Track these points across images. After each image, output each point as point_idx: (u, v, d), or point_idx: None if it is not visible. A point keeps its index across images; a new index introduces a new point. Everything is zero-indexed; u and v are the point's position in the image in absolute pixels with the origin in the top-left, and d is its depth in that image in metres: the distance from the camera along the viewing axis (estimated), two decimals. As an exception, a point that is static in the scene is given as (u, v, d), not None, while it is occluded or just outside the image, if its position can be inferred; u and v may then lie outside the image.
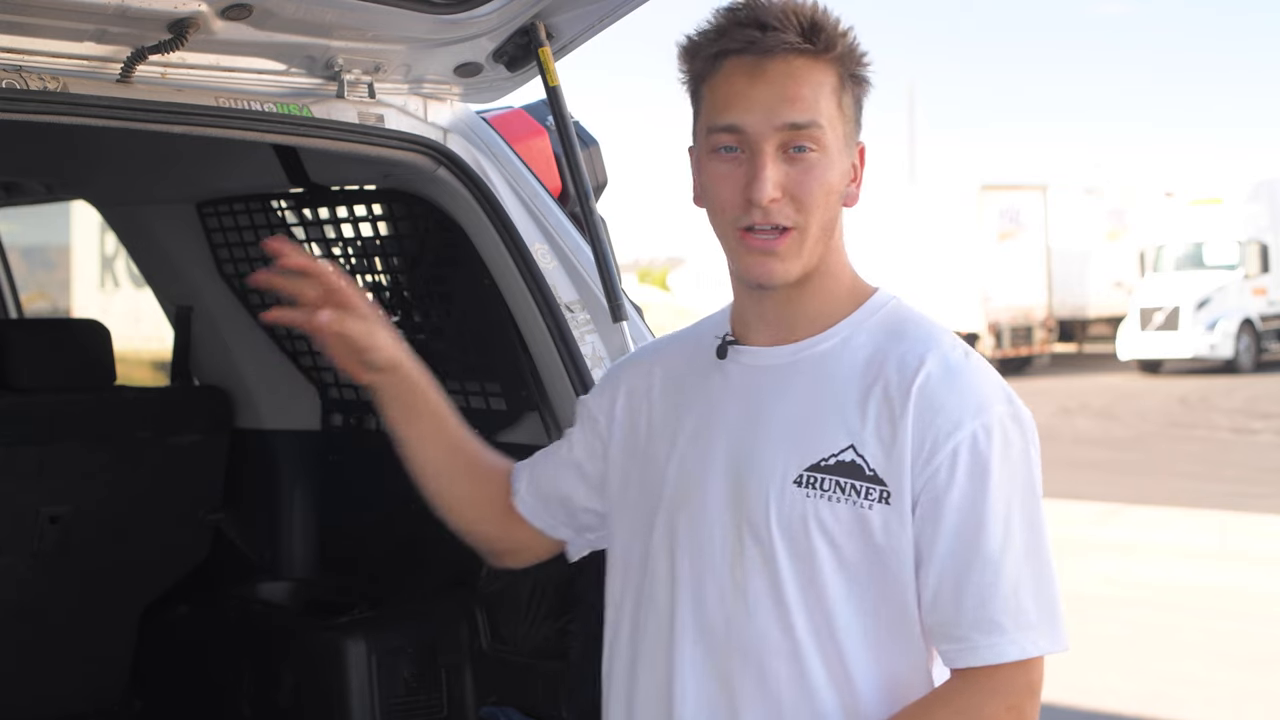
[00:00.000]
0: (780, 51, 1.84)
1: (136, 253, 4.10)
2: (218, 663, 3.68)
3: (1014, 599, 1.80)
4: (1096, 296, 28.84)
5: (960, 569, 1.81)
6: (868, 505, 1.83)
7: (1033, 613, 1.81)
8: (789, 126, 1.84)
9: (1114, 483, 13.26)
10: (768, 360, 1.95)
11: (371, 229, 3.52)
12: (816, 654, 1.86)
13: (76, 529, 3.57)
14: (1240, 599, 8.75)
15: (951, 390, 1.84)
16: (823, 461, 1.86)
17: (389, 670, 3.30)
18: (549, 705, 3.12)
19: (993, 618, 1.80)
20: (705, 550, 1.93)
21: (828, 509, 1.85)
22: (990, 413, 1.84)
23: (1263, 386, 22.31)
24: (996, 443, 1.83)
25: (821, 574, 1.85)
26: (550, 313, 2.93)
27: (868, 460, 1.84)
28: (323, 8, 2.55)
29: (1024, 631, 1.81)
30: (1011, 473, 1.83)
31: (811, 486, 1.85)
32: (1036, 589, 1.82)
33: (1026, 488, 1.85)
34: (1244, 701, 6.79)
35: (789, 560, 1.86)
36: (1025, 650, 1.81)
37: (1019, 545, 1.82)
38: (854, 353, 1.91)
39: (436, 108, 2.97)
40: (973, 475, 1.81)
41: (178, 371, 3.98)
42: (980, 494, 1.81)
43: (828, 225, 1.90)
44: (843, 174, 1.91)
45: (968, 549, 1.81)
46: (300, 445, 3.88)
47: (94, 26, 2.42)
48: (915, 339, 1.90)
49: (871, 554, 1.84)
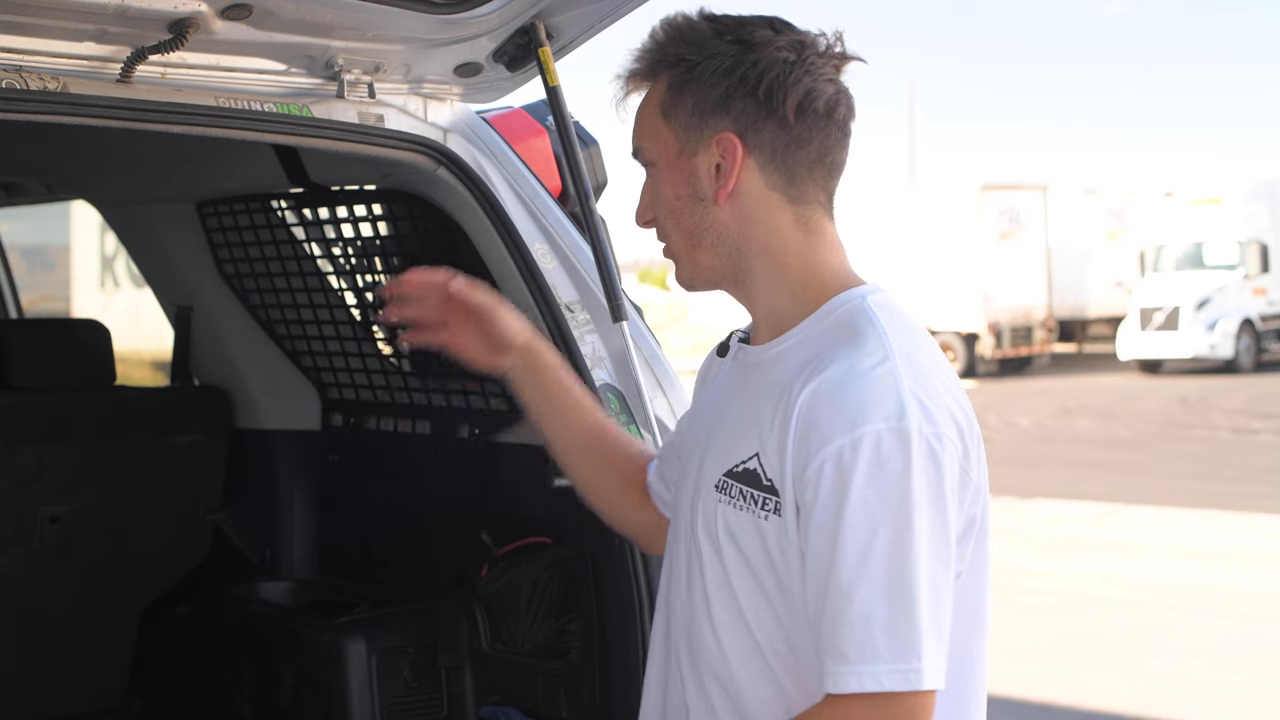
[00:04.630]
0: (631, 78, 1.93)
1: (136, 253, 4.11)
2: (218, 663, 3.68)
3: (862, 629, 1.68)
4: (1096, 296, 28.82)
5: (818, 591, 1.72)
6: (763, 516, 1.79)
7: (881, 646, 1.67)
8: (634, 154, 1.95)
9: (1114, 483, 13.24)
10: (742, 360, 1.96)
11: (371, 229, 3.52)
12: (752, 660, 1.84)
13: (76, 529, 3.57)
14: (1240, 599, 8.75)
15: (832, 403, 1.73)
16: (734, 468, 1.83)
17: (389, 670, 3.30)
18: (549, 705, 3.12)
19: (839, 646, 1.69)
20: (672, 553, 1.97)
21: (734, 516, 1.82)
22: (864, 429, 1.70)
23: (1263, 386, 22.30)
24: (863, 461, 1.69)
25: (732, 581, 1.83)
26: (550, 313, 2.93)
27: (765, 469, 1.79)
28: (323, 8, 2.55)
29: (868, 664, 1.68)
30: (880, 494, 1.69)
31: (723, 492, 1.84)
32: (892, 621, 1.68)
33: (899, 511, 1.69)
34: (1244, 701, 6.79)
35: (712, 565, 1.86)
36: (864, 684, 1.67)
37: (878, 573, 1.68)
38: (792, 358, 1.85)
39: (436, 108, 2.97)
40: (832, 494, 1.70)
41: (178, 371, 3.98)
42: (837, 516, 1.70)
43: (694, 231, 1.89)
44: (680, 181, 1.89)
45: (822, 572, 1.71)
46: (300, 445, 3.88)
47: (94, 26, 2.43)
48: (837, 345, 1.80)
49: (769, 564, 1.80)
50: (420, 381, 3.58)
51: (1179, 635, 7.93)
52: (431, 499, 3.57)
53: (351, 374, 3.75)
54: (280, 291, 3.77)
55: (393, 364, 3.68)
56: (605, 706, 2.99)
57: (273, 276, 3.76)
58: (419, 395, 3.58)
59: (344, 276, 3.68)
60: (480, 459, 3.38)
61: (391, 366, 3.67)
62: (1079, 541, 10.55)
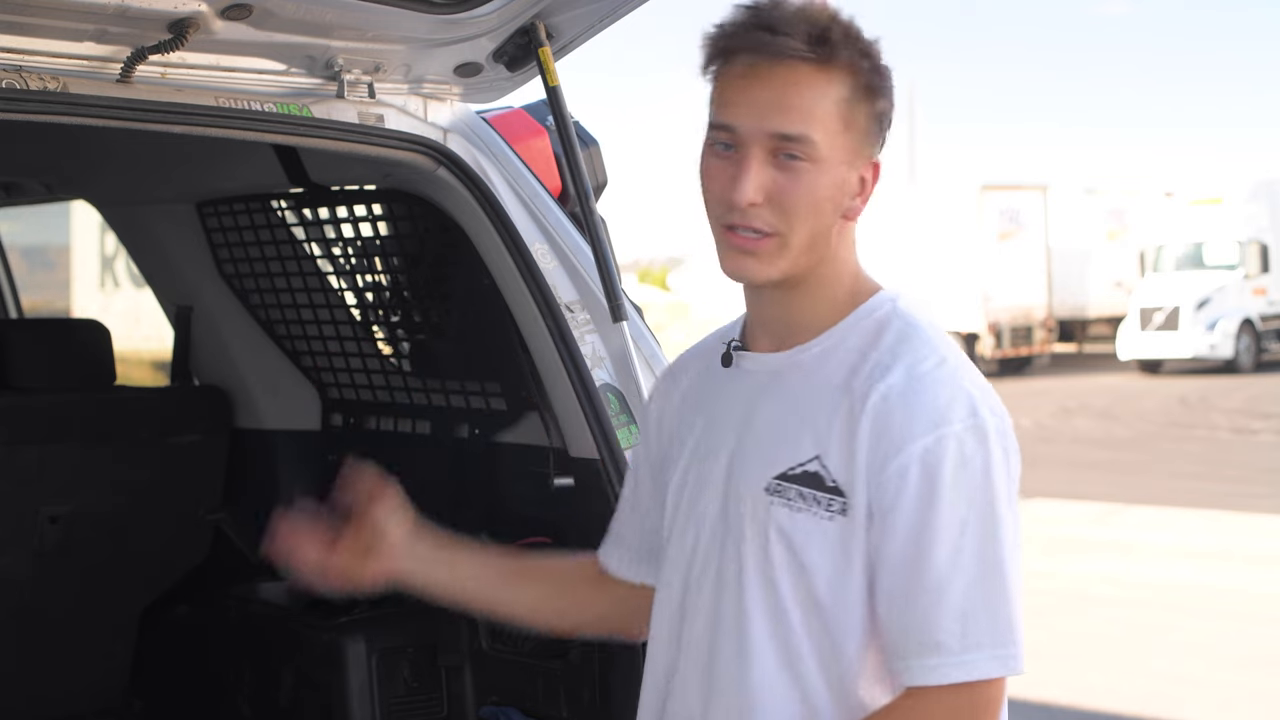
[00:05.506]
0: (784, 58, 1.80)
1: (136, 253, 4.10)
2: (218, 663, 3.68)
3: (960, 622, 1.74)
4: (1096, 296, 28.82)
5: (906, 590, 1.76)
6: (827, 516, 1.80)
7: (982, 635, 1.75)
8: (779, 136, 1.81)
9: (1114, 483, 13.24)
10: (762, 366, 1.94)
11: (371, 229, 3.52)
12: (784, 668, 1.84)
13: (76, 529, 3.57)
14: (1240, 599, 8.75)
15: (908, 404, 1.78)
16: (789, 470, 1.84)
17: (389, 670, 3.30)
18: (549, 705, 3.12)
19: (935, 640, 1.75)
20: (695, 565, 1.94)
21: (789, 517, 1.83)
22: (946, 428, 1.76)
23: (1263, 386, 22.30)
24: (949, 461, 1.76)
25: (778, 585, 1.84)
26: (550, 313, 2.93)
27: (830, 471, 1.81)
28: (323, 8, 2.55)
29: (969, 654, 1.75)
30: (967, 492, 1.76)
31: (777, 494, 1.84)
32: (989, 611, 1.75)
33: (985, 506, 1.77)
34: (1244, 701, 6.79)
35: (755, 569, 1.85)
36: (968, 673, 1.74)
37: (970, 567, 1.75)
38: (837, 360, 1.87)
39: (436, 108, 2.97)
40: (921, 495, 1.75)
41: (178, 371, 3.98)
42: (927, 515, 1.75)
43: (817, 236, 1.85)
44: (838, 187, 1.85)
45: (913, 569, 1.75)
46: (300, 445, 3.88)
47: (94, 26, 2.43)
48: (890, 347, 1.84)
49: (824, 564, 1.81)
50: (420, 381, 3.58)
51: (1179, 635, 7.93)
52: (431, 499, 3.56)
53: (351, 374, 3.75)
54: (280, 291, 3.77)
55: (393, 364, 3.67)
56: (605, 706, 2.99)
57: (273, 276, 3.76)
58: (419, 395, 3.58)
59: (344, 276, 3.67)
60: (480, 459, 3.38)
61: (391, 366, 3.67)
62: (1079, 541, 10.55)
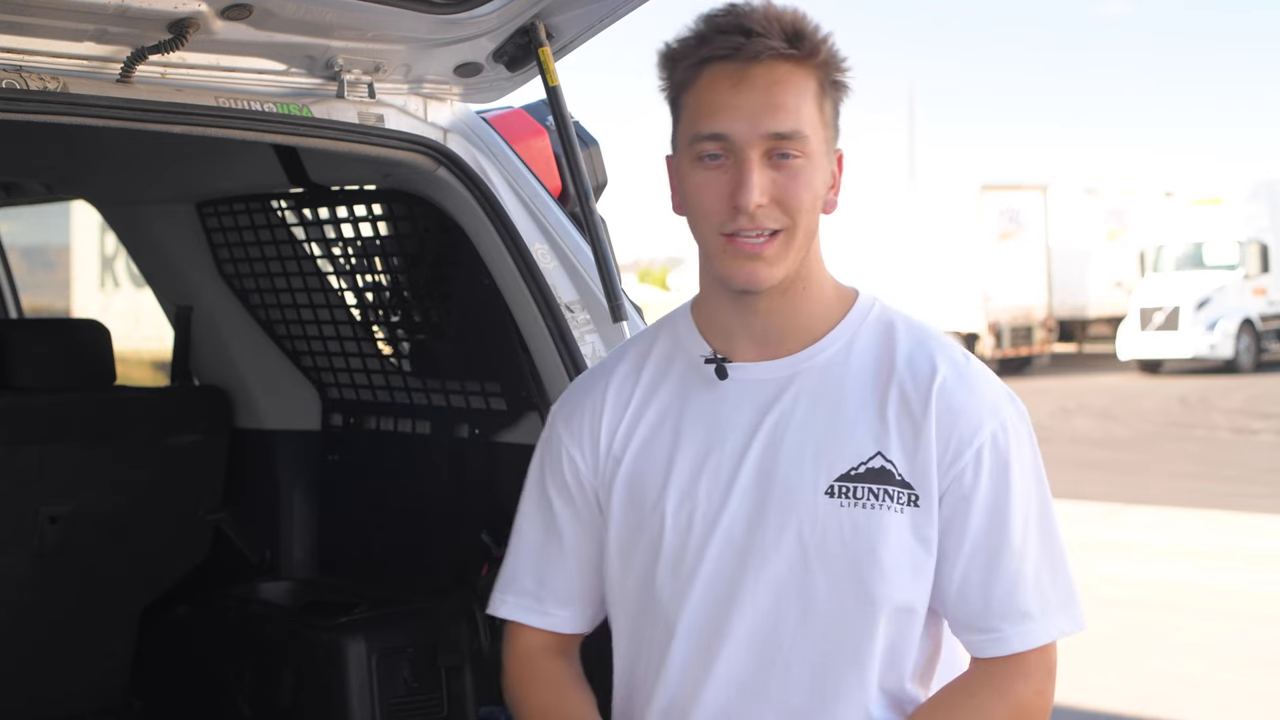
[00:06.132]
0: (765, 58, 1.82)
1: (136, 253, 4.10)
2: (218, 663, 3.68)
3: (1037, 587, 1.90)
4: (1096, 296, 28.82)
5: (988, 563, 1.89)
6: (897, 509, 1.87)
7: (1054, 598, 1.91)
8: (773, 135, 1.83)
9: (1114, 483, 13.25)
10: (769, 374, 1.93)
11: (371, 229, 3.52)
12: (852, 663, 1.89)
13: (76, 529, 3.56)
14: (1240, 599, 8.75)
15: (969, 393, 1.91)
16: (852, 470, 1.88)
17: (389, 670, 3.30)
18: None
19: (1021, 607, 1.88)
20: (724, 573, 1.91)
21: (852, 516, 1.86)
22: (1004, 412, 1.92)
23: (1263, 386, 22.30)
24: (1013, 440, 1.91)
25: (846, 583, 1.87)
26: (550, 313, 2.93)
27: (896, 465, 1.88)
28: (323, 8, 2.55)
29: (1049, 617, 1.90)
30: (1030, 469, 1.93)
31: (845, 496, 1.87)
32: (1054, 575, 1.92)
33: (1038, 479, 1.95)
34: (1244, 701, 6.78)
35: (820, 570, 1.87)
36: (1051, 634, 1.90)
37: (1036, 535, 1.91)
38: (859, 358, 1.93)
39: (436, 108, 2.97)
40: (995, 474, 1.89)
41: (178, 371, 3.98)
42: (1004, 491, 1.89)
43: (810, 231, 1.90)
44: (824, 180, 1.90)
45: (995, 544, 1.89)
46: (300, 445, 3.88)
47: (94, 26, 2.42)
48: (916, 341, 1.96)
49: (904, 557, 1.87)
50: (420, 381, 3.58)
51: (1179, 635, 7.93)
52: (431, 499, 3.57)
53: (351, 374, 3.75)
54: (280, 291, 3.77)
55: (393, 364, 3.67)
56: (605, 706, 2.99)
57: (273, 276, 3.76)
58: (419, 395, 3.58)
59: (344, 276, 3.67)
60: (480, 459, 3.38)
61: (391, 366, 3.67)
62: (1079, 541, 10.54)
